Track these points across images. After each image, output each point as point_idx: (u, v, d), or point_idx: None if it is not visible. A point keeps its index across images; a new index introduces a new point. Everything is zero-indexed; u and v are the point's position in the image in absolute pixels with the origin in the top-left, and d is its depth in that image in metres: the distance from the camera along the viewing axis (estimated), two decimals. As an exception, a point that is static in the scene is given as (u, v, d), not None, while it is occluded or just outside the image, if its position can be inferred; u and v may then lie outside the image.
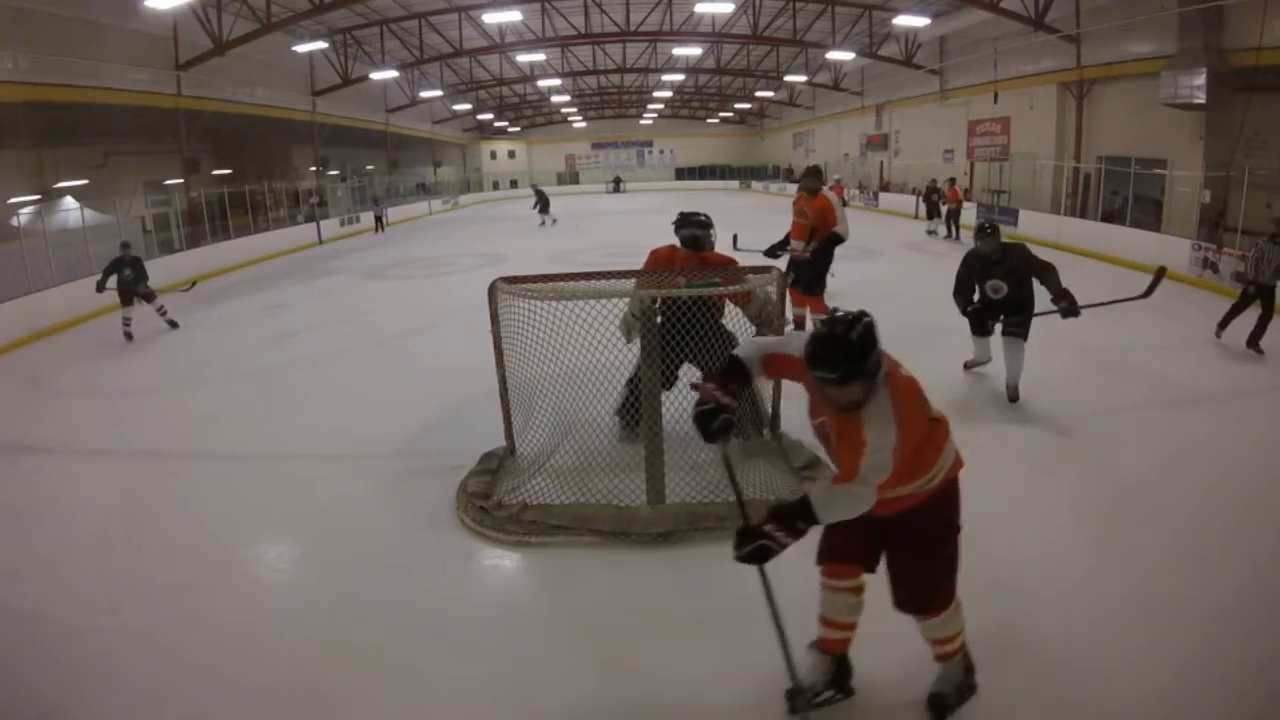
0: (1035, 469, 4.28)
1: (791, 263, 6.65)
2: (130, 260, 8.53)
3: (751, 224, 12.77)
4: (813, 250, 6.64)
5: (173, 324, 8.91)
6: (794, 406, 4.74)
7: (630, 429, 4.24)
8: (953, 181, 15.95)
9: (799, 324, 6.62)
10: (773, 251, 6.81)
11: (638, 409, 3.82)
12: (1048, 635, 2.78)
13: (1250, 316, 6.44)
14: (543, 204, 20.27)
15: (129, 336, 8.47)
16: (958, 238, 14.20)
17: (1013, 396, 5.27)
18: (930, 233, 15.54)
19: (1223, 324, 6.68)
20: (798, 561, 2.37)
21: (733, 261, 4.49)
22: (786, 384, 4.41)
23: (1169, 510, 3.74)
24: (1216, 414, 5.16)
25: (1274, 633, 2.78)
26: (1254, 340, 6.40)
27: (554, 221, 19.92)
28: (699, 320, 3.75)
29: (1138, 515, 3.68)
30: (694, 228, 4.41)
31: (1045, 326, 5.47)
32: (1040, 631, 2.81)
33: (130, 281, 8.43)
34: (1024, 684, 2.54)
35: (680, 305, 3.76)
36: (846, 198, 16.95)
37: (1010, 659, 2.65)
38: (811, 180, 6.87)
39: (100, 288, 8.40)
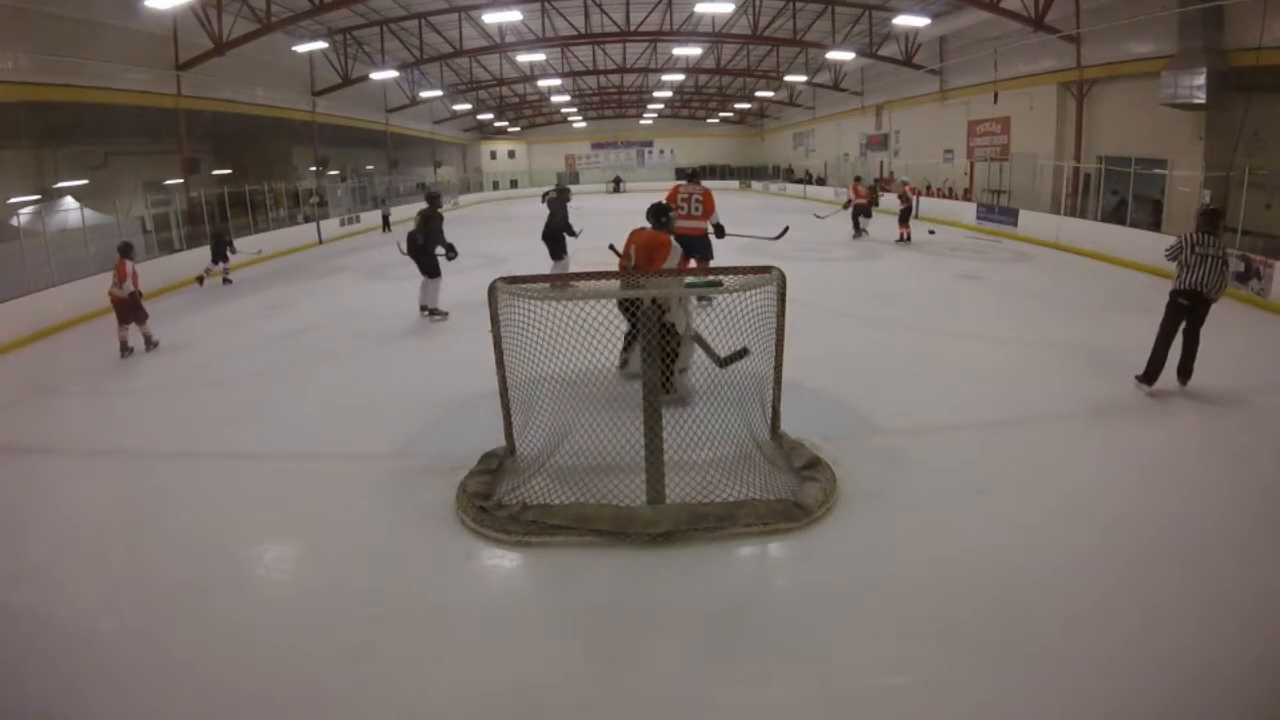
0: (1034, 468, 4.28)
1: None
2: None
3: (754, 222, 12.76)
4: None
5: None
6: (794, 406, 4.75)
7: (623, 367, 5.23)
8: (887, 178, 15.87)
9: None
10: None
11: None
12: (1047, 631, 2.78)
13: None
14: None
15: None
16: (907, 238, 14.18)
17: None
18: (930, 232, 15.50)
19: (1152, 368, 5.37)
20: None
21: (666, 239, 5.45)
22: (786, 384, 4.41)
23: (1164, 509, 3.74)
24: (1216, 414, 5.16)
25: (1268, 630, 2.78)
26: (1186, 371, 5.36)
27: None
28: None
29: (1132, 514, 3.69)
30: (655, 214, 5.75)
31: (1044, 326, 5.45)
32: (1039, 627, 2.81)
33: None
34: (1024, 681, 2.54)
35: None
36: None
37: (1007, 653, 2.65)
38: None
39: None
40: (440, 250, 8.90)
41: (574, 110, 36.44)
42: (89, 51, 12.24)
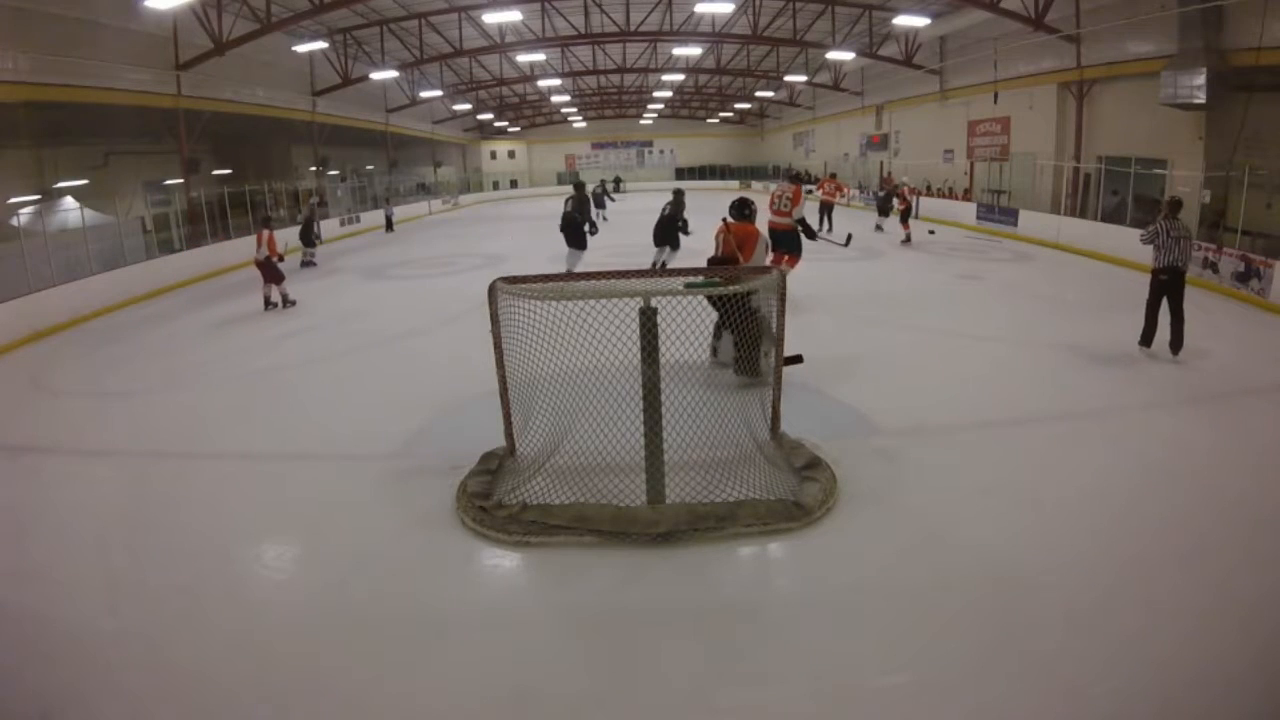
0: (1034, 468, 4.28)
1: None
2: None
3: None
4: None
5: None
6: (794, 407, 4.75)
7: (714, 355, 5.43)
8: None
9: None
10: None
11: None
12: (1046, 632, 2.78)
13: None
14: (596, 200, 19.49)
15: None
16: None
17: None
18: (930, 232, 15.53)
19: (1146, 334, 6.26)
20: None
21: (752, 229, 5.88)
22: (786, 385, 4.41)
23: (1164, 509, 3.74)
24: (1216, 413, 5.16)
25: (1268, 630, 2.78)
26: (1177, 343, 6.11)
27: (605, 218, 19.26)
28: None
29: (1133, 514, 3.69)
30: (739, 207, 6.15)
31: (1044, 326, 5.45)
32: (1039, 627, 2.81)
33: None
34: (1024, 681, 2.54)
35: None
36: (847, 197, 17.17)
37: (1007, 653, 2.65)
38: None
39: None
40: (586, 227, 10.34)
41: (574, 110, 36.43)
42: (89, 51, 12.24)
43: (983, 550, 3.39)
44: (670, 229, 9.93)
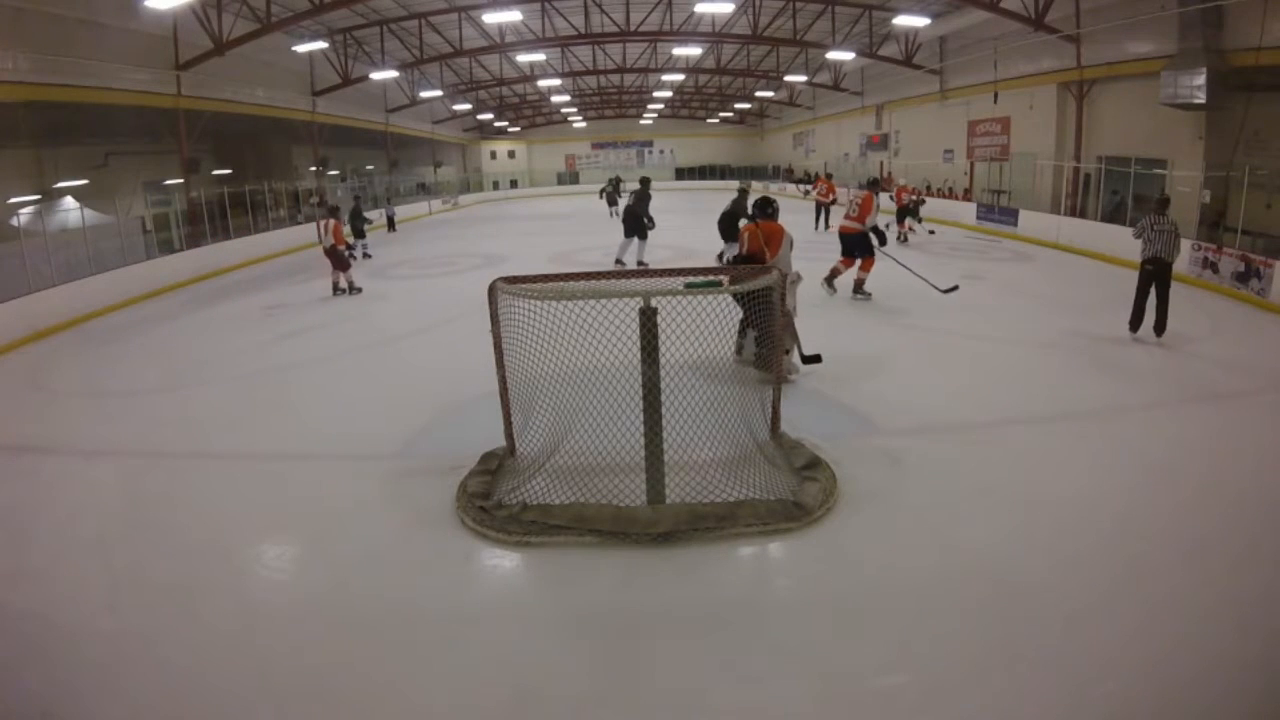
0: (1034, 468, 4.28)
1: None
2: None
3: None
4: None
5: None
6: (795, 406, 4.75)
7: (738, 353, 5.37)
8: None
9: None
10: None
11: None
12: (1047, 632, 2.78)
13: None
14: (609, 199, 20.97)
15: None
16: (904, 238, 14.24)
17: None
18: (930, 232, 15.52)
19: (1134, 320, 6.80)
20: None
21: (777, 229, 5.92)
22: (786, 385, 4.41)
23: (1165, 510, 3.74)
24: (1216, 413, 5.16)
25: (1268, 630, 2.78)
26: (1160, 325, 6.65)
27: (619, 214, 19.82)
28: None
29: (1133, 514, 3.69)
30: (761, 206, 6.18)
31: (1044, 326, 5.45)
32: (1039, 627, 2.81)
33: None
34: (1024, 681, 2.54)
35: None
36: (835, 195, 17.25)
37: (1007, 653, 2.65)
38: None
39: None
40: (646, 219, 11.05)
41: (574, 110, 36.43)
42: (89, 51, 12.23)
43: (983, 550, 3.39)
44: (636, 221, 10.74)
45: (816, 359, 5.84)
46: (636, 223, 10.88)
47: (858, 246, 8.61)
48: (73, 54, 11.89)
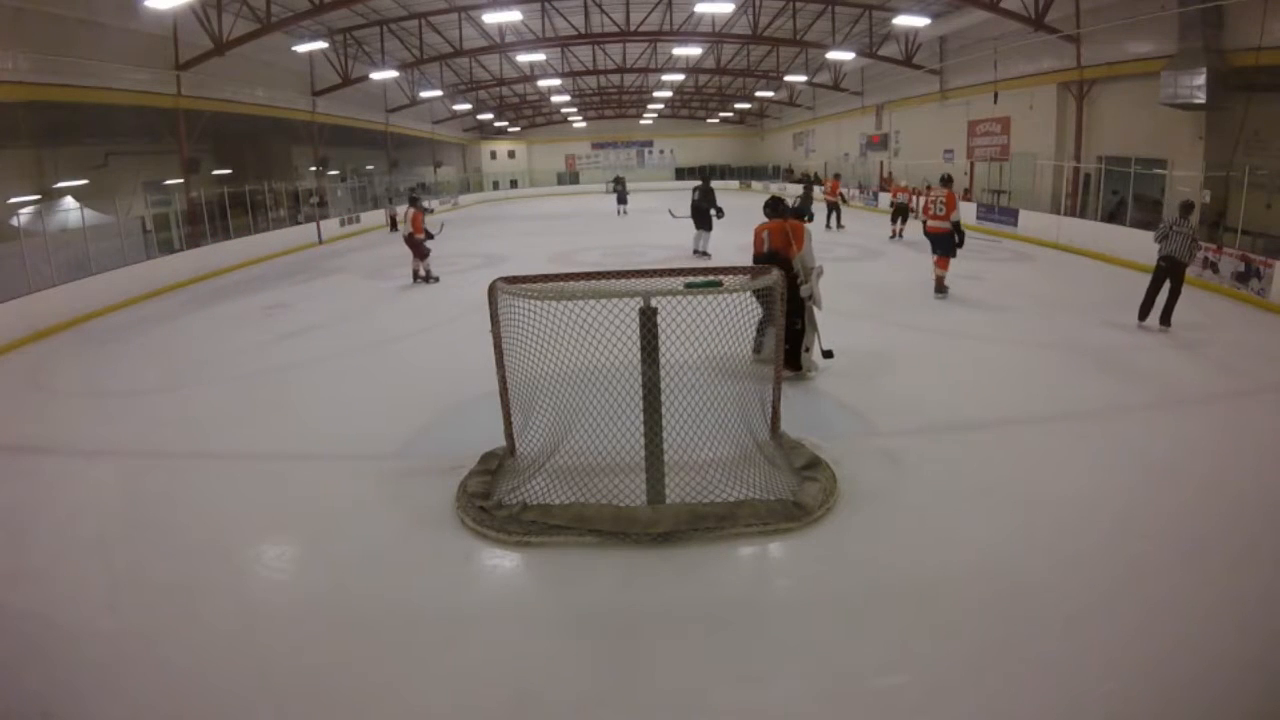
0: (1035, 468, 4.28)
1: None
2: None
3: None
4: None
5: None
6: (795, 406, 4.75)
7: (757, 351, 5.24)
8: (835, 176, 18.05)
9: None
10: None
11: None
12: (1047, 632, 2.78)
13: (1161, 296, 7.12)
14: (619, 194, 22.83)
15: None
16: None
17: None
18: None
19: (1142, 310, 7.20)
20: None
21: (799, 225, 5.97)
22: (786, 384, 4.41)
23: (1165, 510, 3.74)
24: (1217, 413, 5.16)
25: (1268, 631, 2.78)
26: (1166, 316, 7.06)
27: (626, 212, 22.11)
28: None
29: (1133, 514, 3.69)
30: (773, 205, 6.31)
31: (1044, 326, 5.45)
32: (1039, 628, 2.81)
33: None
34: (1024, 681, 2.54)
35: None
36: (846, 195, 17.37)
37: (1007, 654, 2.65)
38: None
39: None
40: (713, 212, 12.07)
41: (574, 110, 36.42)
42: (89, 51, 12.23)
43: (983, 550, 3.39)
44: (704, 213, 11.72)
45: (829, 354, 5.97)
46: (704, 216, 11.91)
47: (944, 244, 8.86)
48: (73, 54, 11.88)
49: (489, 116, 34.07)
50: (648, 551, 3.43)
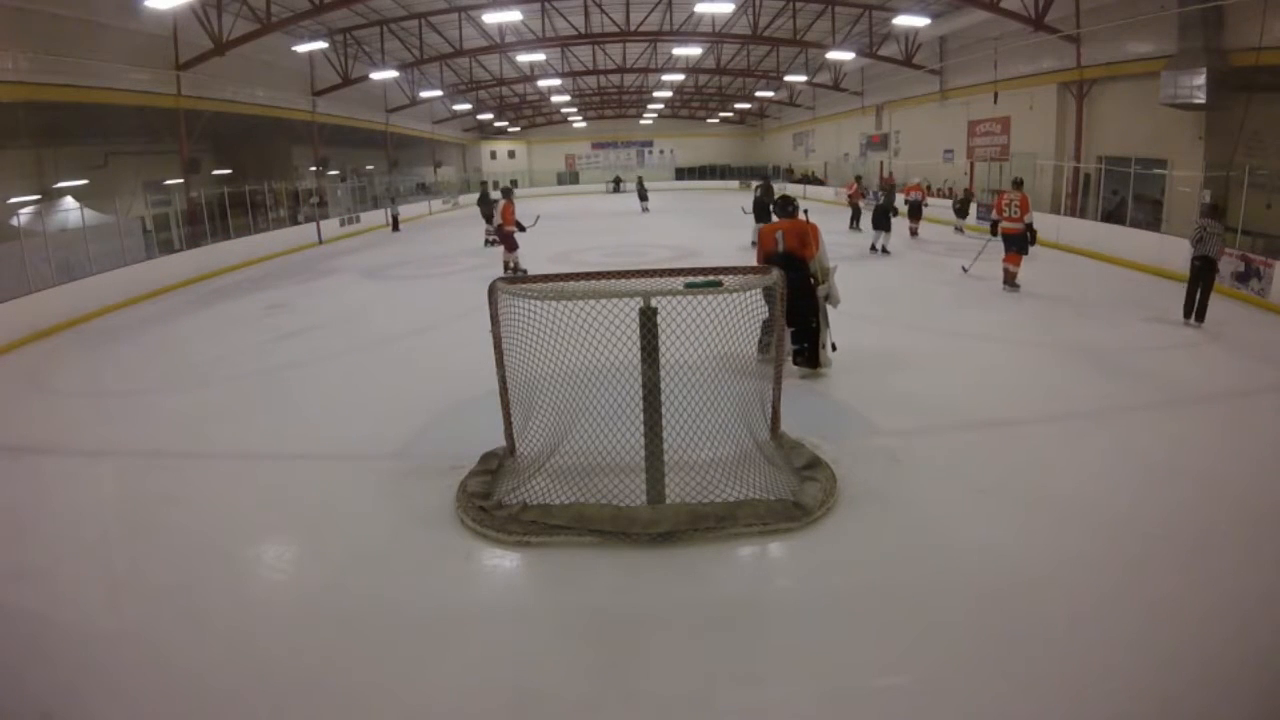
0: (1034, 468, 4.28)
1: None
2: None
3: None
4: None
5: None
6: (795, 406, 4.75)
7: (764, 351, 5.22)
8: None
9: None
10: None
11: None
12: (1047, 632, 2.78)
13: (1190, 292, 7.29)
14: (640, 193, 24.76)
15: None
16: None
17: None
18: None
19: (1187, 309, 7.38)
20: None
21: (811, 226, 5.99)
22: (786, 386, 4.41)
23: (1166, 510, 3.74)
24: (1217, 413, 5.16)
25: (1268, 631, 2.78)
26: (1201, 313, 7.29)
27: (648, 209, 23.75)
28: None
29: (1134, 514, 3.69)
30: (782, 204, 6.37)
31: (1044, 326, 5.44)
32: (1039, 628, 2.81)
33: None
34: (1024, 681, 2.54)
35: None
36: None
37: (1008, 654, 2.65)
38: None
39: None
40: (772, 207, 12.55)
41: (574, 110, 36.42)
42: (89, 51, 12.24)
43: (983, 550, 3.38)
44: (763, 211, 12.15)
45: (833, 347, 6.03)
46: (764, 211, 12.31)
47: (1019, 244, 9.24)
48: (73, 54, 11.89)
49: (489, 116, 34.07)
50: (648, 551, 3.43)
